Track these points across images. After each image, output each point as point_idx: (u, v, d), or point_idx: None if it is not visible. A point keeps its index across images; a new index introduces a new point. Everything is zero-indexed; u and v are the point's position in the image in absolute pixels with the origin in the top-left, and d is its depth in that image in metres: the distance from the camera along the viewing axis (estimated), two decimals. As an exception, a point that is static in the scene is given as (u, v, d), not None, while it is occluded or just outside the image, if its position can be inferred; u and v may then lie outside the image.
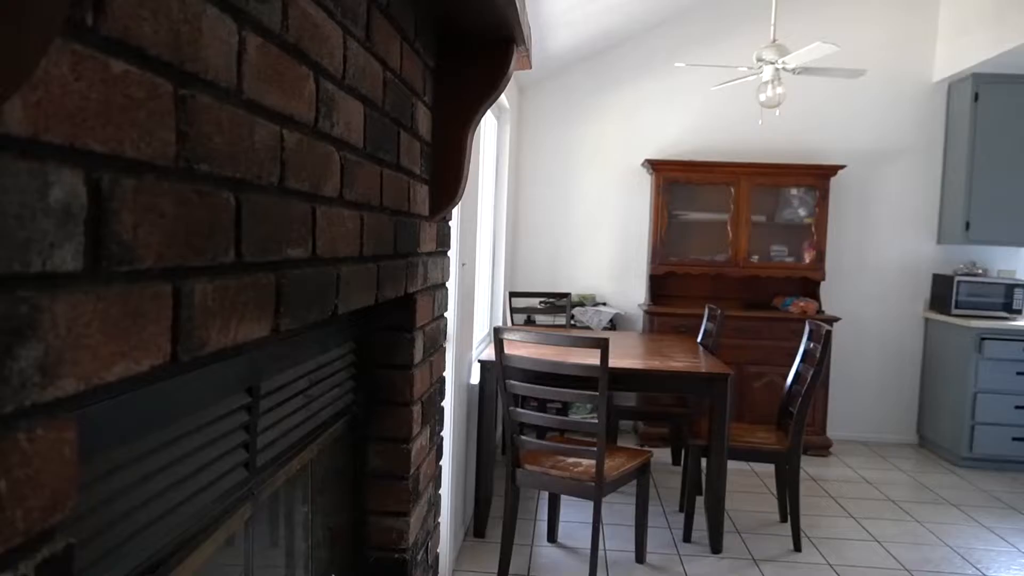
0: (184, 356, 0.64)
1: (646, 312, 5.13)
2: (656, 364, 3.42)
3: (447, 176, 1.66)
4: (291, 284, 0.89)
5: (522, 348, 3.54)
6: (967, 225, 4.96)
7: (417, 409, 1.65)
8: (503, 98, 4.37)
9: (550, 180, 5.49)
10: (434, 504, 1.92)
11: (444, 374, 2.01)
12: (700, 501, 3.77)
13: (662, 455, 4.77)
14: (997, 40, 4.48)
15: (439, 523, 2.01)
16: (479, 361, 3.45)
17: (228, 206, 0.72)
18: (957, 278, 4.92)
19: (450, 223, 1.95)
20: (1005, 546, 3.53)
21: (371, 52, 1.19)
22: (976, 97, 4.94)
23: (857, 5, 5.25)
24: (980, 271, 5.07)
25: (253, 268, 0.78)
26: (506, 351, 2.97)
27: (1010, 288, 4.88)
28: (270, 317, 0.83)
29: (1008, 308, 4.87)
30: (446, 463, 2.84)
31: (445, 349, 1.99)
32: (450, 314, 2.79)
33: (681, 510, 3.75)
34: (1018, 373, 4.64)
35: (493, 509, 3.55)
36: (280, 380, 1.13)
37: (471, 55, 1.65)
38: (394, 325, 1.59)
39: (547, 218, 5.50)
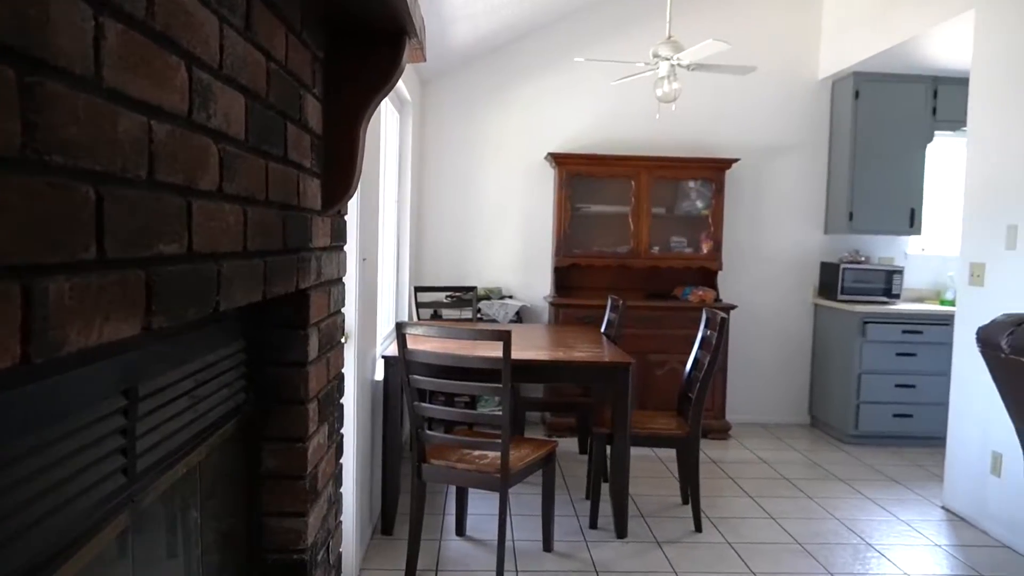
0: (37, 357, 0.61)
1: (551, 304, 5.20)
2: (560, 355, 3.48)
3: (340, 169, 1.64)
4: (164, 281, 0.85)
5: (426, 343, 3.52)
6: (851, 216, 5.24)
7: (313, 407, 1.62)
8: (404, 90, 4.33)
9: (455, 173, 5.48)
10: (335, 503, 1.89)
11: (343, 371, 1.98)
12: (606, 488, 3.86)
13: (569, 444, 4.84)
14: (875, 40, 4.75)
15: (341, 522, 1.99)
16: (383, 357, 3.42)
17: (87, 200, 0.69)
18: (842, 266, 5.20)
19: (346, 217, 1.92)
20: (886, 515, 3.76)
21: (252, 42, 1.16)
22: (857, 95, 5.23)
23: (748, 4, 5.46)
24: (863, 259, 5.37)
25: (119, 265, 0.75)
26: (409, 346, 2.95)
27: (890, 274, 5.19)
28: (140, 315, 0.80)
29: (888, 293, 5.18)
30: (349, 461, 2.80)
31: (343, 345, 1.96)
32: (350, 310, 2.75)
33: (587, 498, 3.83)
34: (898, 354, 4.95)
35: (401, 506, 3.53)
36: (161, 381, 1.09)
37: (363, 47, 1.62)
38: (287, 322, 1.55)
39: (452, 212, 5.49)
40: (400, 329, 2.89)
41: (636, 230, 5.26)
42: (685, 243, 5.39)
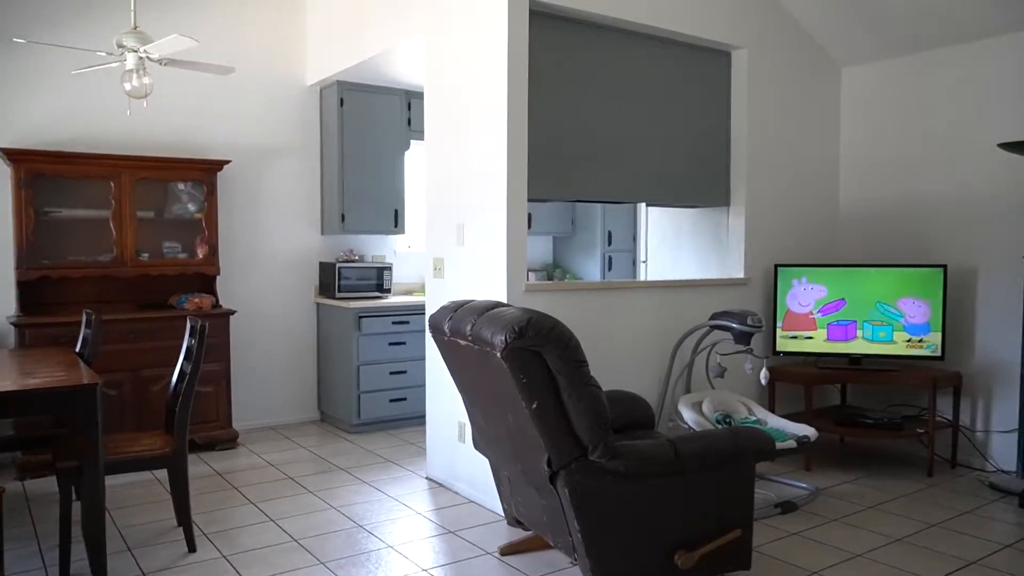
0: None
1: (14, 325, 4.44)
2: (6, 385, 2.96)
3: None
4: None
5: None
6: (343, 217, 5.53)
7: None
8: None
9: None
10: None
11: None
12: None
13: (49, 484, 4.20)
14: (352, 52, 5.05)
15: None
16: None
17: None
18: (339, 265, 5.46)
19: None
20: (379, 495, 4.06)
21: None
22: (342, 102, 5.52)
23: (232, 5, 5.35)
24: (357, 258, 5.71)
25: None
26: None
27: (380, 271, 5.61)
28: None
29: (381, 288, 5.60)
30: None
31: None
32: None
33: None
34: (390, 344, 5.38)
35: None
36: None
37: None
38: None
39: None
40: None
41: (120, 236, 4.79)
42: (179, 248, 5.08)
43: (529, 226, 6.64)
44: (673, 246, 5.31)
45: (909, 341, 4.49)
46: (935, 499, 3.99)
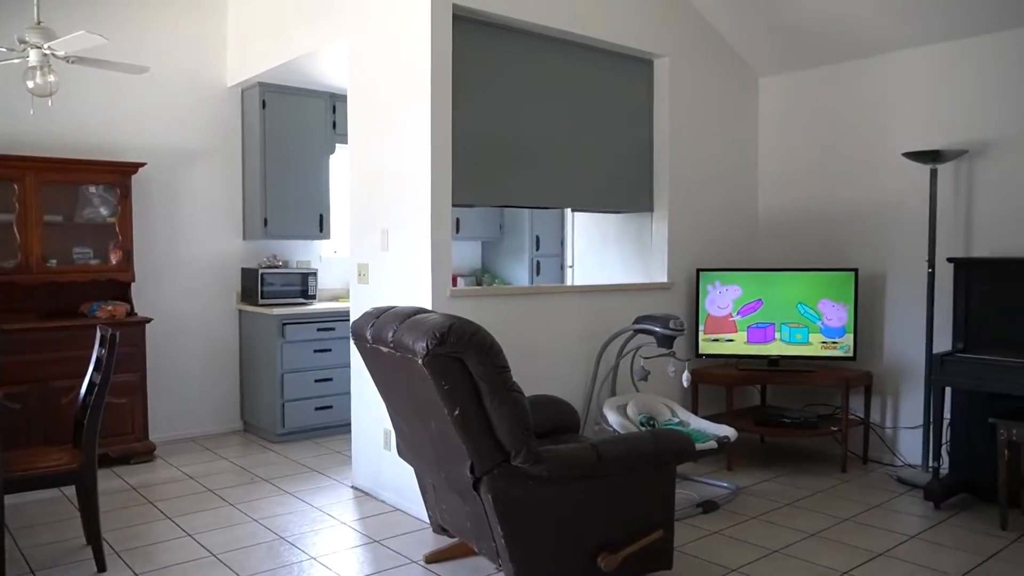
0: None
1: (-92, 336, 4.19)
2: None
3: None
4: None
5: None
6: (265, 222, 5.40)
7: None
8: None
9: None
10: None
11: None
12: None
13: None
14: (274, 53, 4.95)
15: None
16: None
17: None
18: (261, 271, 5.33)
19: None
20: (303, 506, 3.97)
21: None
22: (264, 104, 5.40)
23: (151, 2, 5.18)
24: (281, 263, 5.59)
25: None
26: None
27: (304, 276, 5.51)
28: None
29: (305, 294, 5.50)
30: None
31: None
32: None
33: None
34: (315, 351, 5.28)
35: None
36: None
37: None
38: None
39: None
40: None
41: (25, 241, 4.56)
42: (91, 254, 4.88)
43: (457, 231, 6.65)
44: (599, 251, 5.37)
45: (824, 343, 4.65)
46: (848, 494, 4.14)
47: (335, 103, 5.66)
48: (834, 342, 4.63)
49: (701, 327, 4.80)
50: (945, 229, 4.43)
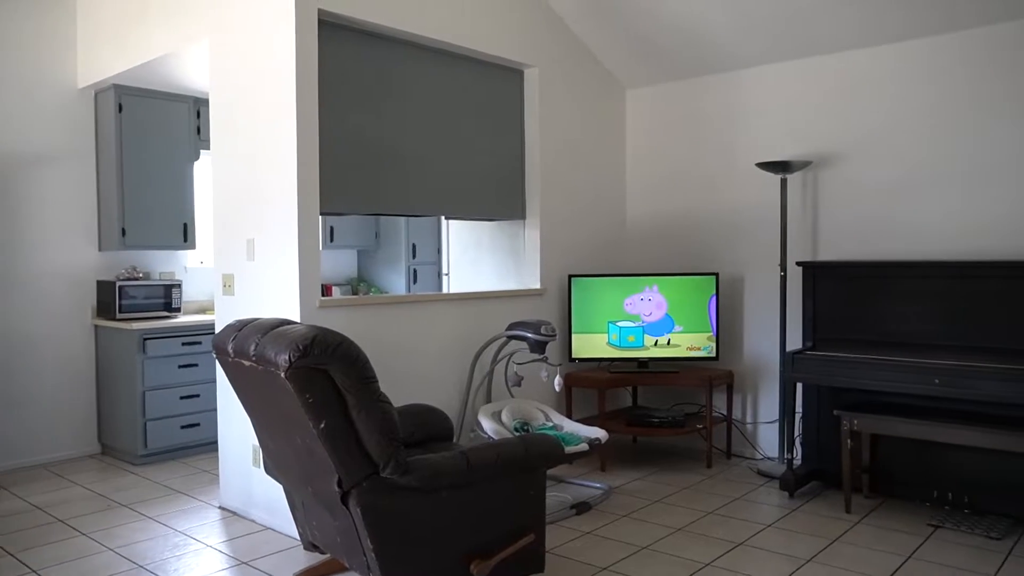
0: None
1: None
2: None
3: None
4: None
5: None
6: (123, 232, 5.11)
7: None
8: None
9: None
10: None
11: None
12: None
13: None
14: (130, 54, 4.69)
15: None
16: None
17: None
18: (119, 283, 5.04)
19: None
20: (165, 530, 3.77)
21: None
22: (120, 108, 5.11)
23: (-17, -6, 4.81)
24: (141, 275, 5.29)
25: None
26: None
27: (168, 288, 5.25)
28: None
29: (169, 307, 5.23)
30: None
31: None
32: None
33: None
34: (180, 367, 5.04)
35: None
36: None
37: None
38: None
39: None
40: None
41: None
42: (-80, 268, 4.46)
43: (331, 240, 6.52)
44: (474, 259, 5.41)
45: (690, 345, 4.86)
46: (712, 488, 4.34)
47: (199, 108, 5.44)
48: (698, 343, 4.85)
49: (574, 331, 4.91)
50: (795, 235, 4.73)
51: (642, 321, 4.87)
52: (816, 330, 4.35)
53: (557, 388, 4.18)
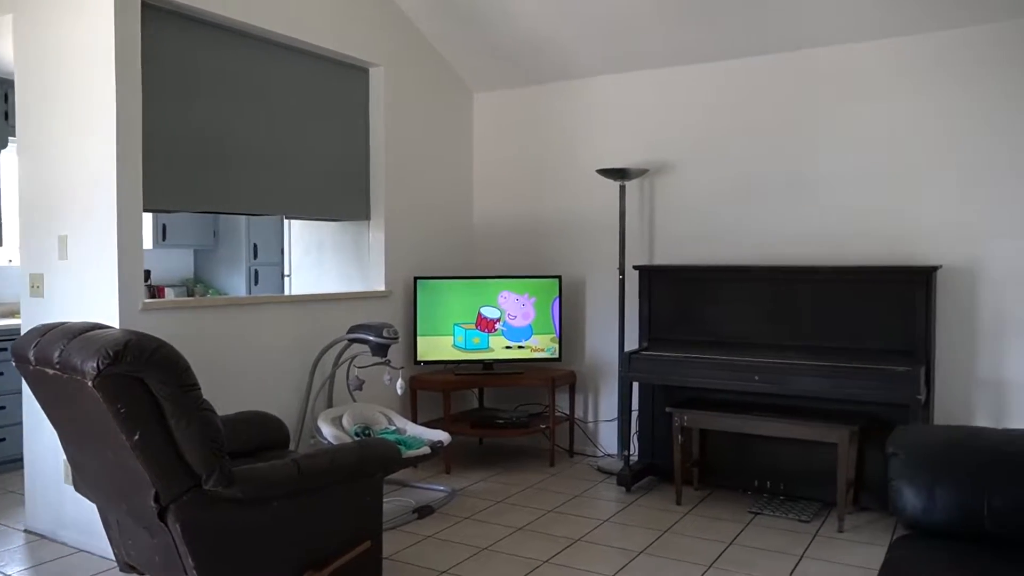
0: None
1: None
2: None
3: None
4: None
5: None
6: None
7: None
8: None
9: None
10: None
11: None
12: None
13: None
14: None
15: None
16: None
17: None
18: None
19: None
20: (-42, 560, 3.39)
21: None
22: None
23: None
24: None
25: None
26: None
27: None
28: None
29: (-31, 311, 4.71)
30: None
31: None
32: None
33: None
34: (-19, 376, 4.55)
35: None
36: None
37: None
38: None
39: None
40: None
41: None
42: None
43: (164, 238, 6.13)
44: (316, 260, 5.25)
45: (533, 346, 4.94)
46: (554, 486, 4.44)
47: (7, 91, 4.94)
48: (542, 347, 4.94)
49: (419, 334, 4.87)
50: (634, 239, 4.93)
51: (505, 319, 4.91)
52: (651, 331, 4.55)
53: (400, 391, 4.13)
